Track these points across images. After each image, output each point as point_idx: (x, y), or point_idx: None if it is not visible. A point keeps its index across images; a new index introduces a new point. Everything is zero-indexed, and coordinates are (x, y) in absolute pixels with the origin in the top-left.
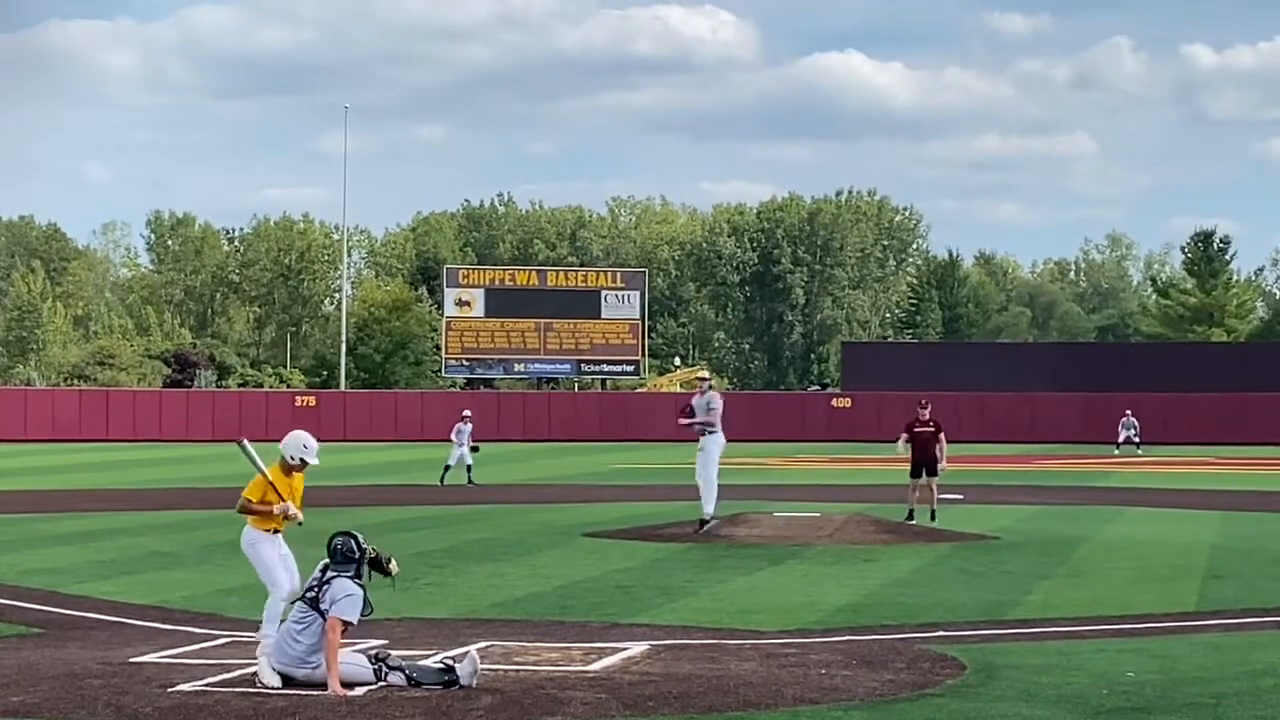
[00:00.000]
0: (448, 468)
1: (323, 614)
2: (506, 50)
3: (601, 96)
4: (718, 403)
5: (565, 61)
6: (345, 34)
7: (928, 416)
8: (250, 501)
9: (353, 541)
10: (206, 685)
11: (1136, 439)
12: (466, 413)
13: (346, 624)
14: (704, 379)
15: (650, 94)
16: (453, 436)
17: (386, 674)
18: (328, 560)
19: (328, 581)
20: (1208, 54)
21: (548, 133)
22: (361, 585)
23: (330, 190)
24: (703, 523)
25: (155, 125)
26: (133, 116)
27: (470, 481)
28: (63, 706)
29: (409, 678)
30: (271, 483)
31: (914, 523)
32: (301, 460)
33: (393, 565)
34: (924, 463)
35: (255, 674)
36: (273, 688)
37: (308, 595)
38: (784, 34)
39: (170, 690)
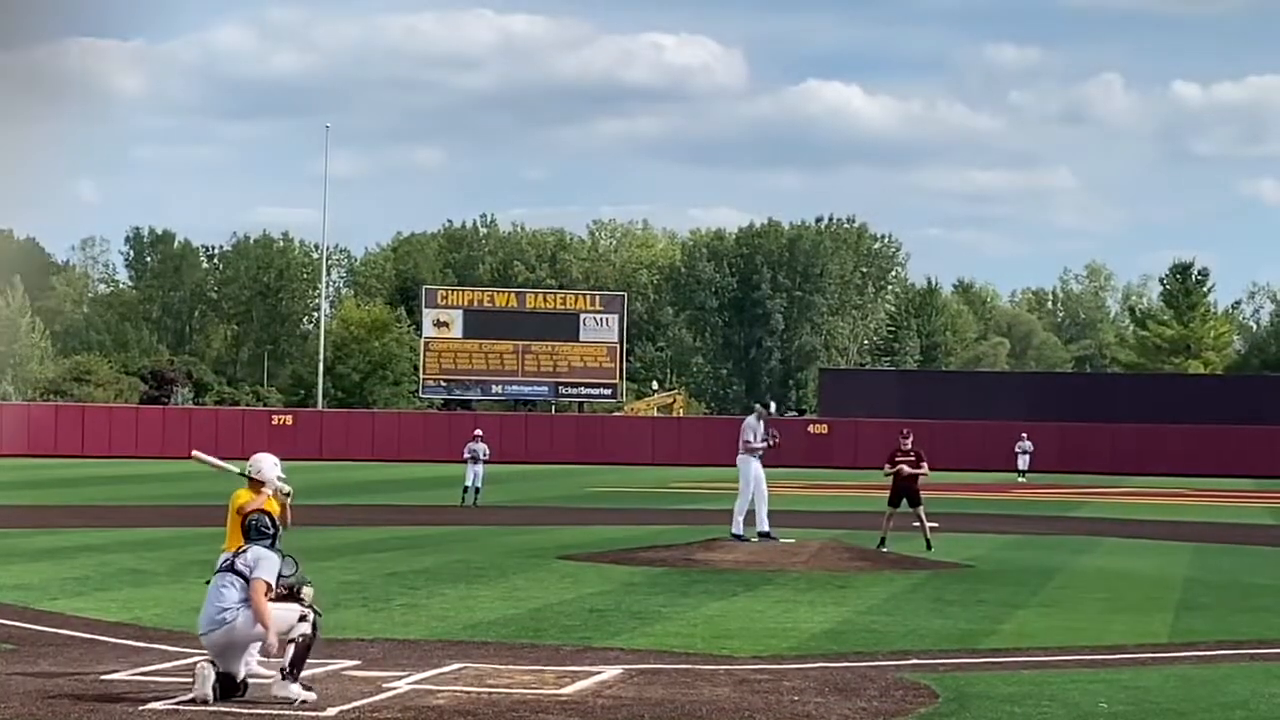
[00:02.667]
0: (466, 489)
1: (241, 575)
2: (506, 77)
3: (595, 123)
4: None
5: (562, 88)
6: (354, 59)
7: (909, 446)
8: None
9: (266, 518)
10: (178, 704)
11: (1025, 465)
12: (478, 431)
13: (268, 585)
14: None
15: (643, 121)
16: (465, 455)
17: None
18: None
19: (244, 550)
20: (1194, 91)
21: (541, 158)
22: (278, 551)
23: (319, 211)
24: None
25: (155, 144)
26: (133, 135)
27: (474, 504)
28: None
29: (305, 640)
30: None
31: (886, 550)
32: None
33: (305, 591)
34: (904, 492)
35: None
36: (205, 700)
37: (223, 565)
38: (772, 63)
39: (142, 709)
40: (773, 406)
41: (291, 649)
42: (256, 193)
